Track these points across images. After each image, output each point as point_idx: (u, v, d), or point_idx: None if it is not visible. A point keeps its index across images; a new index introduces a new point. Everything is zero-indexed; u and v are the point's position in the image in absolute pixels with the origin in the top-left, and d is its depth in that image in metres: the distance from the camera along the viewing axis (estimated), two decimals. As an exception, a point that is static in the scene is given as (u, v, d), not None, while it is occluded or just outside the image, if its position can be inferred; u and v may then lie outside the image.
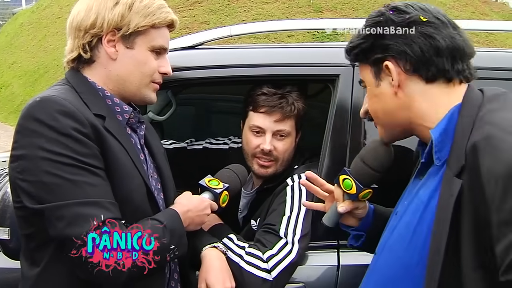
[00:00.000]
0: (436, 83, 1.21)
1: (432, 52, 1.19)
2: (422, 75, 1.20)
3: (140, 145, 1.50)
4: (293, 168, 1.89)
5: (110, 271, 1.23)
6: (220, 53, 2.02)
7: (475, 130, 1.09)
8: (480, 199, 0.99)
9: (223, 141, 2.26)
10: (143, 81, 1.44)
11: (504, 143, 0.99)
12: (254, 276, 1.59)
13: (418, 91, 1.21)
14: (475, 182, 1.01)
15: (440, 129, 1.17)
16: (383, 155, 1.41)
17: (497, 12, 14.12)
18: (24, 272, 1.37)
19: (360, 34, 1.28)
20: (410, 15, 1.21)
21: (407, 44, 1.19)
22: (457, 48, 1.20)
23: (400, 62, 1.21)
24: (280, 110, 1.84)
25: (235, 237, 1.71)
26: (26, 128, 1.26)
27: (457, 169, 1.08)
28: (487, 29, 2.45)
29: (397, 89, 1.22)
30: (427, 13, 1.22)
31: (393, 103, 1.25)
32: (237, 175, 1.69)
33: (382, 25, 1.23)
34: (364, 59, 1.29)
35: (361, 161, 1.43)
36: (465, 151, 1.07)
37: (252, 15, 11.28)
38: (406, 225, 1.22)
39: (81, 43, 1.39)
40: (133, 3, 1.39)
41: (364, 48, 1.27)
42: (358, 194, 1.43)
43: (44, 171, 1.22)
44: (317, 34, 9.81)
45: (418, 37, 1.19)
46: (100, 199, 1.25)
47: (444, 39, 1.19)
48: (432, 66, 1.19)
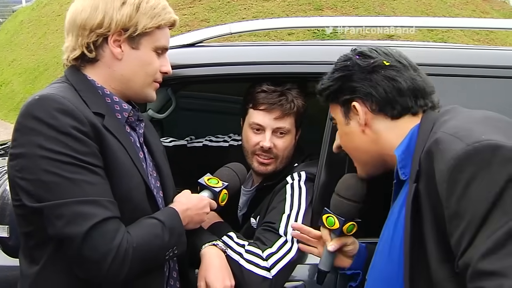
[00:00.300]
0: (402, 118, 1.32)
1: (395, 93, 1.31)
2: (387, 113, 1.33)
3: (139, 143, 1.49)
4: (293, 165, 1.89)
5: (109, 270, 1.23)
6: (220, 51, 2.01)
7: (429, 140, 1.18)
8: (437, 200, 1.07)
9: (223, 139, 2.26)
10: (147, 81, 1.45)
11: (448, 144, 1.08)
12: (254, 274, 1.59)
13: (384, 128, 1.33)
14: (431, 184, 1.10)
15: (403, 147, 1.28)
16: (355, 185, 1.51)
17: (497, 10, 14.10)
18: (23, 270, 1.37)
19: (330, 76, 1.40)
20: (375, 60, 1.33)
21: (372, 87, 1.32)
22: (417, 88, 1.32)
23: (366, 102, 1.34)
24: (279, 108, 1.84)
25: (235, 235, 1.70)
26: (25, 126, 1.26)
27: (414, 176, 1.18)
28: (488, 27, 2.47)
29: (364, 127, 1.35)
30: (389, 58, 1.34)
31: (361, 139, 1.37)
32: (236, 173, 1.69)
33: (349, 68, 1.35)
34: (334, 100, 1.41)
35: (336, 195, 1.53)
36: (420, 158, 1.17)
37: (252, 13, 11.26)
38: (385, 241, 1.31)
39: (85, 42, 1.38)
40: (140, 3, 1.39)
41: (333, 90, 1.39)
42: (341, 228, 1.51)
43: (43, 170, 1.22)
44: (317, 32, 9.79)
45: (382, 80, 1.32)
46: (99, 198, 1.25)
47: (406, 81, 1.32)
48: (397, 105, 1.31)
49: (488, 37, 11.44)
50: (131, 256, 1.26)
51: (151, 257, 1.34)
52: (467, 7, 12.91)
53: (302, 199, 1.73)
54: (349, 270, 1.59)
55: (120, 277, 1.26)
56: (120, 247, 1.24)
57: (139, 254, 1.28)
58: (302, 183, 1.77)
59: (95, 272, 1.24)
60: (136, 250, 1.27)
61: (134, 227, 1.32)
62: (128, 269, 1.26)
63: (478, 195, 0.99)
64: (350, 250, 1.58)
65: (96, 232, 1.22)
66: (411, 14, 11.10)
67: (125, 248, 1.25)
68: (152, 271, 1.39)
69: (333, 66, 1.41)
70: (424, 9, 11.91)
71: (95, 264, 1.23)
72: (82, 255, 1.22)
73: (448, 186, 1.04)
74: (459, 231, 1.01)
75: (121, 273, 1.25)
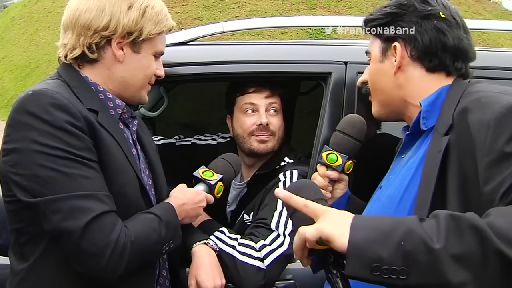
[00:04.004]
0: (436, 74, 1.30)
1: (439, 46, 1.28)
2: (424, 64, 1.30)
3: (133, 140, 1.50)
4: (284, 157, 1.91)
5: (107, 264, 1.23)
6: (213, 50, 2.01)
7: (462, 100, 1.19)
8: (468, 153, 1.08)
9: (211, 137, 2.27)
10: (143, 84, 1.47)
11: (491, 98, 1.10)
12: (247, 265, 1.61)
13: (417, 77, 1.31)
14: (463, 138, 1.11)
15: (429, 100, 1.27)
16: (359, 124, 1.52)
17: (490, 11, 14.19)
18: (13, 267, 1.36)
19: (381, 9, 1.36)
20: (432, 8, 1.30)
21: (420, 32, 1.29)
22: (462, 49, 1.30)
23: (408, 46, 1.30)
24: (268, 87, 1.91)
25: (227, 230, 1.72)
26: (18, 122, 1.25)
27: (445, 130, 1.18)
28: (480, 28, 2.48)
29: (397, 70, 1.32)
30: (447, 11, 1.31)
31: (390, 80, 1.34)
32: (230, 164, 1.69)
33: (405, 8, 1.31)
34: (377, 33, 1.37)
35: (340, 132, 1.52)
36: (453, 115, 1.17)
37: (246, 12, 11.27)
38: (396, 189, 1.29)
39: (87, 42, 1.37)
40: (145, 8, 1.39)
41: (380, 24, 1.35)
42: (344, 165, 1.49)
43: (38, 165, 1.22)
44: (311, 31, 9.81)
45: (431, 29, 1.29)
46: (96, 192, 1.25)
47: (454, 38, 1.28)
48: (436, 58, 1.29)
49: (481, 38, 11.51)
50: (129, 250, 1.26)
51: (148, 251, 1.35)
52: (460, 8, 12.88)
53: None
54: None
55: (118, 271, 1.26)
56: (118, 241, 1.24)
57: (137, 248, 1.29)
58: (294, 181, 1.78)
59: (94, 266, 1.24)
60: (134, 244, 1.28)
61: (131, 221, 1.32)
62: (126, 263, 1.26)
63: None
64: (341, 189, 1.56)
65: (94, 226, 1.22)
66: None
67: (123, 242, 1.25)
68: (144, 269, 1.39)
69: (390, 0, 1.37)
70: (417, 10, 11.96)
71: (93, 258, 1.23)
72: (81, 249, 1.22)
73: (495, 131, 1.04)
74: (504, 173, 1.00)
75: (120, 267, 1.25)
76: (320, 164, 1.52)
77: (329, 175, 1.50)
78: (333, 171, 1.50)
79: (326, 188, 1.52)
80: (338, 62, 1.79)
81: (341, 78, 1.79)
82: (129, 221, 1.31)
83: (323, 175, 1.51)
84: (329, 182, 1.52)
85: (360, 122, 1.53)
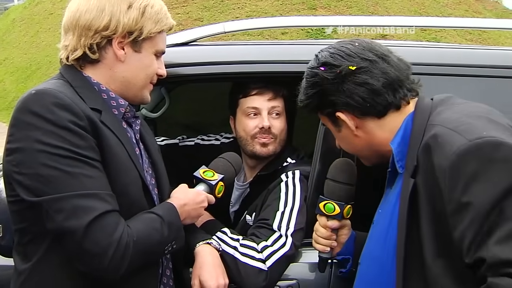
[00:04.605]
0: (388, 114, 1.31)
1: (372, 95, 1.29)
2: (373, 115, 1.32)
3: (136, 139, 1.50)
4: (286, 158, 1.91)
5: (110, 263, 1.24)
6: (214, 50, 2.01)
7: (426, 133, 1.19)
8: (437, 194, 1.09)
9: (214, 138, 2.27)
10: (145, 83, 1.48)
11: (447, 138, 1.10)
12: (249, 266, 1.61)
13: (375, 127, 1.33)
14: (430, 179, 1.11)
15: (398, 139, 1.29)
16: (348, 168, 1.53)
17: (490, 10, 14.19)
18: (16, 267, 1.37)
19: (305, 92, 1.37)
20: (341, 68, 1.29)
21: (348, 97, 1.30)
22: (392, 81, 1.29)
23: (349, 111, 1.32)
24: (270, 89, 1.90)
25: (229, 231, 1.72)
26: (21, 121, 1.26)
27: (411, 170, 1.19)
28: (481, 27, 2.48)
29: (356, 131, 1.34)
30: (354, 59, 1.29)
31: (356, 142, 1.37)
32: (231, 164, 1.69)
33: (319, 84, 1.33)
34: (318, 112, 1.40)
35: (331, 181, 1.54)
36: (417, 153, 1.18)
37: (246, 12, 11.27)
38: (381, 228, 1.31)
39: (88, 43, 1.38)
40: (145, 7, 1.40)
41: (314, 106, 1.38)
42: (342, 212, 1.51)
43: (41, 164, 1.22)
44: (311, 31, 9.80)
45: (354, 88, 1.29)
46: (98, 191, 1.25)
47: (378, 79, 1.28)
48: (378, 105, 1.29)
49: (481, 37, 11.50)
50: (132, 249, 1.26)
51: (151, 251, 1.35)
52: (460, 7, 12.98)
53: (297, 196, 1.74)
54: (340, 255, 1.60)
55: (121, 270, 1.26)
56: (121, 240, 1.25)
57: (140, 247, 1.29)
58: (296, 181, 1.79)
59: (97, 265, 1.24)
60: (137, 243, 1.28)
61: (133, 221, 1.32)
62: (128, 262, 1.26)
63: (483, 190, 1.02)
64: (346, 234, 1.58)
65: (96, 225, 1.22)
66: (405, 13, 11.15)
67: (125, 241, 1.26)
68: (146, 268, 1.39)
69: (304, 81, 1.39)
70: (417, 9, 11.96)
71: (96, 258, 1.23)
72: (83, 248, 1.22)
73: (451, 181, 1.05)
74: (463, 224, 1.03)
75: (122, 267, 1.26)
76: (319, 215, 1.55)
77: (330, 226, 1.53)
78: (333, 221, 1.53)
79: (330, 238, 1.55)
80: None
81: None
82: (132, 221, 1.31)
83: (324, 226, 1.54)
84: (332, 231, 1.54)
85: (348, 166, 1.54)
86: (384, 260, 1.27)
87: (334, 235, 1.56)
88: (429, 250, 1.12)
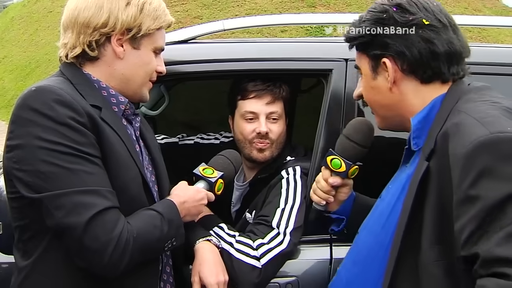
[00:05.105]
0: (431, 84, 1.25)
1: (429, 56, 1.23)
2: (418, 76, 1.25)
3: (136, 136, 1.51)
4: (285, 157, 1.91)
5: (109, 260, 1.24)
6: (213, 47, 2.01)
7: (449, 118, 1.15)
8: (447, 182, 1.07)
9: (214, 136, 2.27)
10: (145, 80, 1.48)
11: (469, 128, 1.06)
12: (243, 263, 1.61)
13: (412, 90, 1.26)
14: (443, 166, 1.09)
15: (420, 117, 1.24)
16: (366, 130, 1.49)
17: (489, 8, 14.17)
18: (17, 263, 1.37)
19: (361, 25, 1.29)
20: (413, 17, 1.23)
21: (407, 46, 1.23)
22: (454, 53, 1.24)
23: (398, 61, 1.25)
24: (270, 92, 1.87)
25: (226, 226, 1.72)
26: (22, 118, 1.26)
27: (428, 152, 1.16)
28: (480, 24, 2.48)
29: (392, 85, 1.27)
30: (429, 15, 1.24)
31: (387, 97, 1.29)
32: (230, 161, 1.69)
33: (385, 22, 1.25)
34: (362, 51, 1.32)
35: (346, 138, 1.49)
36: (436, 137, 1.14)
37: (245, 10, 11.25)
38: (387, 205, 1.29)
39: (87, 40, 1.38)
40: (143, 4, 1.40)
41: (363, 42, 1.30)
42: (348, 171, 1.48)
43: (41, 160, 1.23)
44: (311, 29, 9.80)
45: (418, 41, 1.23)
46: (98, 188, 1.26)
47: (443, 44, 1.23)
48: (429, 69, 1.24)
49: (480, 35, 11.49)
50: (132, 246, 1.27)
51: (150, 248, 1.35)
52: (460, 5, 12.96)
53: (298, 193, 1.75)
54: (335, 214, 1.59)
55: (120, 267, 1.26)
56: (121, 237, 1.25)
57: (139, 244, 1.29)
58: (297, 177, 1.79)
59: (96, 262, 1.25)
60: (137, 240, 1.28)
61: (133, 217, 1.32)
62: (128, 259, 1.27)
63: (492, 186, 0.99)
64: (345, 193, 1.57)
65: (96, 222, 1.23)
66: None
67: (125, 238, 1.26)
68: (147, 265, 1.39)
69: (366, 14, 1.30)
70: (416, 7, 11.93)
71: (96, 254, 1.24)
72: (83, 245, 1.23)
73: (462, 171, 1.03)
74: (466, 216, 1.01)
75: (122, 263, 1.26)
76: (324, 167, 1.52)
77: (332, 183, 1.51)
78: (336, 177, 1.51)
79: (329, 193, 1.53)
80: (338, 59, 1.79)
81: (342, 75, 1.78)
82: (132, 218, 1.32)
83: (326, 180, 1.52)
84: (332, 187, 1.52)
85: (366, 127, 1.50)
86: (383, 237, 1.25)
87: (334, 191, 1.54)
88: (427, 236, 1.11)
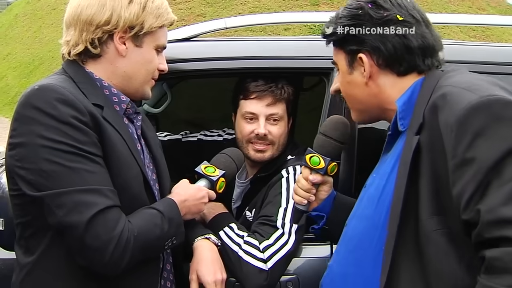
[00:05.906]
0: (407, 75, 1.29)
1: (404, 50, 1.27)
2: (394, 69, 1.30)
3: (137, 135, 1.51)
4: (286, 156, 1.90)
5: (110, 258, 1.25)
6: (216, 45, 2.01)
7: (434, 94, 1.18)
8: (440, 152, 1.08)
9: (217, 133, 2.27)
10: (146, 78, 1.48)
11: (457, 96, 1.09)
12: (251, 265, 1.61)
13: (389, 83, 1.30)
14: (434, 137, 1.11)
15: (404, 99, 1.27)
16: (342, 126, 1.52)
17: (494, 7, 14.12)
18: (19, 260, 1.38)
19: (337, 22, 1.33)
20: (388, 13, 1.28)
21: (382, 42, 1.28)
22: (427, 46, 1.29)
23: (373, 56, 1.29)
24: (271, 94, 1.86)
25: (236, 226, 1.72)
26: (24, 116, 1.27)
27: (416, 128, 1.18)
28: (484, 23, 2.47)
29: (368, 80, 1.31)
30: (403, 11, 1.29)
31: (363, 91, 1.33)
32: (232, 159, 1.69)
33: (361, 18, 1.29)
34: (339, 47, 1.36)
35: (322, 135, 1.53)
36: (424, 112, 1.17)
37: (249, 8, 11.24)
38: (375, 188, 1.30)
39: (90, 38, 1.39)
40: (146, 2, 1.41)
41: (340, 38, 1.34)
42: (327, 168, 1.51)
43: (43, 159, 1.23)
44: (314, 27, 9.78)
45: (393, 36, 1.27)
46: (100, 186, 1.26)
47: (417, 39, 1.27)
48: (404, 62, 1.28)
49: (484, 34, 11.46)
50: (132, 244, 1.27)
51: (151, 246, 1.36)
52: (464, 4, 12.92)
53: None
54: (315, 212, 1.60)
55: (121, 265, 1.27)
56: (121, 235, 1.26)
57: (140, 243, 1.30)
58: (297, 176, 1.78)
59: (97, 260, 1.26)
60: (137, 238, 1.29)
61: (134, 216, 1.33)
62: (129, 257, 1.27)
63: (489, 146, 1.01)
64: (326, 191, 1.58)
65: (98, 220, 1.23)
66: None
67: (126, 236, 1.27)
68: (147, 263, 1.40)
69: (342, 11, 1.34)
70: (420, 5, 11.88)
71: (97, 252, 1.24)
72: (84, 243, 1.23)
73: (457, 134, 1.05)
74: (465, 179, 1.02)
75: (123, 262, 1.27)
76: (304, 166, 1.55)
77: (312, 180, 1.53)
78: (316, 175, 1.53)
79: (310, 191, 1.55)
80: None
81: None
82: (132, 216, 1.32)
83: (306, 178, 1.54)
84: (313, 185, 1.54)
85: (342, 124, 1.54)
86: (376, 219, 1.26)
87: (314, 189, 1.56)
88: (425, 209, 1.12)
